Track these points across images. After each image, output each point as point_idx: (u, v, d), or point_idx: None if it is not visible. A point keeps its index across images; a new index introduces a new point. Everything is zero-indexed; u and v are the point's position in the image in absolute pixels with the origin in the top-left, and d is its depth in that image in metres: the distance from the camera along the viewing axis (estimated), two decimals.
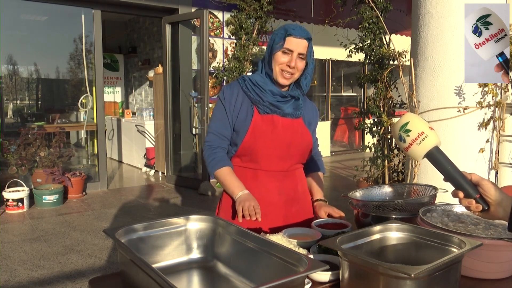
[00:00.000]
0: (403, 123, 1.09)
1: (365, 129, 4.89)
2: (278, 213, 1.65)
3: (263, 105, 1.60)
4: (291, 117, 1.63)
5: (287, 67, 1.57)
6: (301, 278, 0.93)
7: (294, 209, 1.69)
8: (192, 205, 5.23)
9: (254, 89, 1.61)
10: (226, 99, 1.66)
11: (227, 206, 1.69)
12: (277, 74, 1.59)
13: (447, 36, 2.72)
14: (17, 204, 4.88)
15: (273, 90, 1.60)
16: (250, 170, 1.65)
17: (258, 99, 1.61)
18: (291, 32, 1.55)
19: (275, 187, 1.65)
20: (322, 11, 7.64)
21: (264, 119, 1.61)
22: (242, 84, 1.65)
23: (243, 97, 1.64)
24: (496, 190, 1.05)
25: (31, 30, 6.62)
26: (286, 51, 1.56)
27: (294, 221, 1.67)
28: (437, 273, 0.96)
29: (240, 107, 1.63)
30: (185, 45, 6.35)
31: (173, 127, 6.53)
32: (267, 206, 1.62)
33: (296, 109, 1.65)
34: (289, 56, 1.56)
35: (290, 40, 1.55)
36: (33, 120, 6.70)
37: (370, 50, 4.81)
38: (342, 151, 9.53)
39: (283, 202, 1.66)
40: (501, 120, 2.90)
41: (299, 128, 1.66)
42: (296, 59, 1.56)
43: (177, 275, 1.22)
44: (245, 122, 1.61)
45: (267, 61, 1.62)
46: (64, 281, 3.14)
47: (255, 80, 1.62)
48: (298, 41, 1.55)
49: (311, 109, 1.76)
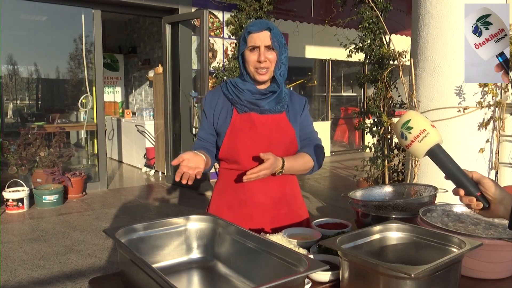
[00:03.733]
0: (405, 121, 1.09)
1: (365, 129, 4.89)
2: (265, 215, 1.62)
3: (241, 104, 1.61)
4: (271, 113, 1.61)
5: (258, 63, 1.57)
6: (301, 278, 0.93)
7: (282, 211, 1.65)
8: (192, 205, 5.23)
9: (233, 90, 1.63)
10: (207, 104, 1.69)
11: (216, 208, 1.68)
12: (253, 73, 1.59)
13: (447, 36, 2.72)
14: (17, 204, 4.88)
15: (251, 89, 1.60)
16: (235, 172, 1.63)
17: (236, 99, 1.62)
18: (250, 29, 1.56)
19: (260, 188, 1.62)
20: (322, 11, 7.65)
21: (242, 118, 1.61)
22: (223, 88, 1.67)
23: (224, 100, 1.66)
24: (497, 188, 1.05)
25: (31, 30, 6.62)
26: (252, 48, 1.57)
27: (283, 223, 1.64)
28: (437, 273, 0.96)
29: (220, 110, 1.65)
30: (185, 45, 6.35)
31: (173, 127, 6.53)
32: (252, 208, 1.61)
33: (277, 103, 1.62)
34: (256, 52, 1.57)
35: (252, 36, 1.56)
36: (33, 120, 6.70)
37: (370, 50, 4.81)
38: (342, 151, 9.53)
39: (270, 204, 1.63)
40: (501, 120, 2.90)
41: (280, 123, 1.62)
42: (264, 52, 1.56)
43: (177, 275, 1.22)
44: (224, 123, 1.63)
45: (241, 64, 1.63)
46: (64, 281, 3.14)
47: (235, 82, 1.64)
48: (259, 34, 1.56)
49: (300, 104, 1.72)
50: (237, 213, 1.61)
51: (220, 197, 1.69)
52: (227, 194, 1.66)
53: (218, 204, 1.68)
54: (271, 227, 1.61)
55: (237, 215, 1.61)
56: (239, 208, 1.62)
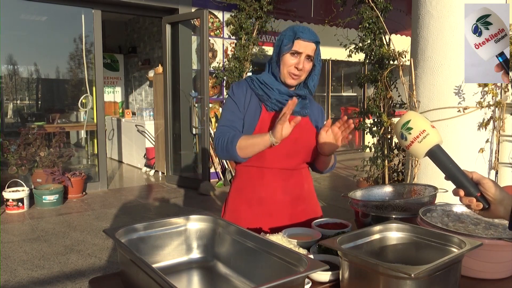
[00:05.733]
0: (405, 121, 1.09)
1: (365, 129, 4.89)
2: (283, 212, 1.65)
3: (270, 103, 1.62)
4: (298, 115, 1.64)
5: (295, 69, 1.59)
6: (301, 278, 0.93)
7: (300, 208, 1.69)
8: (192, 205, 5.23)
9: (261, 87, 1.64)
10: (236, 95, 1.67)
11: (233, 207, 1.70)
12: (285, 75, 1.61)
13: (447, 36, 2.72)
14: (17, 204, 4.88)
15: (280, 89, 1.62)
16: (256, 169, 1.65)
17: (265, 96, 1.63)
18: (299, 35, 1.56)
19: (280, 186, 1.65)
20: (322, 11, 7.65)
21: (272, 116, 1.63)
22: (250, 83, 1.68)
23: (251, 94, 1.67)
24: (497, 188, 1.05)
25: (31, 30, 6.62)
26: (294, 53, 1.58)
27: (300, 220, 1.67)
28: (437, 273, 0.96)
29: (249, 102, 1.65)
30: (185, 45, 6.35)
31: (173, 127, 6.53)
32: (272, 205, 1.64)
33: (303, 108, 1.66)
34: (297, 58, 1.58)
35: (299, 43, 1.57)
36: (33, 120, 6.70)
37: (370, 50, 4.81)
38: (342, 151, 9.53)
39: (289, 201, 1.66)
40: (501, 120, 2.90)
41: (305, 125, 1.67)
42: (304, 61, 1.58)
43: (177, 275, 1.22)
44: (253, 117, 1.63)
45: (274, 62, 1.64)
46: (64, 281, 3.14)
47: (262, 79, 1.65)
48: (307, 44, 1.57)
49: (318, 111, 1.78)
50: (256, 211, 1.63)
51: (238, 195, 1.69)
52: (246, 192, 1.67)
53: (237, 202, 1.68)
54: (289, 224, 1.64)
55: (256, 212, 1.63)
56: (259, 206, 1.64)
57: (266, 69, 1.69)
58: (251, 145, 1.57)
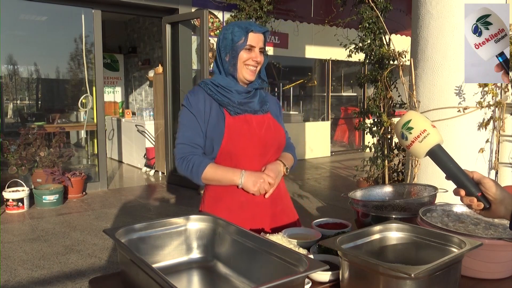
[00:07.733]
0: (406, 121, 1.09)
1: (365, 129, 4.89)
2: (265, 213, 1.63)
3: (233, 106, 1.57)
4: (261, 113, 1.63)
5: (254, 62, 1.57)
6: (301, 278, 0.93)
7: (279, 208, 1.68)
8: (192, 205, 5.23)
9: (219, 91, 1.59)
10: (194, 106, 1.59)
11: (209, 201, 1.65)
12: (243, 72, 1.58)
13: (447, 36, 2.72)
14: (17, 204, 4.88)
15: (239, 89, 1.60)
16: None
17: (226, 101, 1.58)
18: (252, 28, 1.56)
19: None
20: (322, 11, 7.65)
21: (237, 120, 1.57)
22: (205, 88, 1.61)
23: (210, 101, 1.60)
24: (497, 188, 1.05)
25: (31, 30, 6.62)
26: (249, 48, 1.56)
27: (280, 219, 1.67)
28: (437, 273, 0.96)
29: (210, 112, 1.59)
30: (185, 45, 6.35)
31: (173, 127, 6.53)
32: (254, 208, 1.61)
33: (262, 104, 1.65)
34: (253, 52, 1.57)
35: (252, 36, 1.56)
36: (33, 120, 6.70)
37: (370, 50, 4.81)
38: (342, 151, 9.53)
39: (269, 202, 1.64)
40: (501, 120, 2.90)
41: (270, 122, 1.65)
42: (258, 53, 1.58)
43: (177, 275, 1.22)
44: (217, 126, 1.57)
45: (228, 62, 1.59)
46: (64, 281, 3.14)
47: (217, 82, 1.60)
48: (259, 36, 1.57)
49: (275, 105, 1.76)
50: (238, 216, 1.58)
51: (215, 203, 1.63)
52: (224, 199, 1.61)
53: (216, 211, 1.59)
54: (271, 224, 1.63)
55: (238, 217, 1.57)
56: (241, 210, 1.60)
57: (217, 72, 1.64)
58: (217, 181, 1.58)
